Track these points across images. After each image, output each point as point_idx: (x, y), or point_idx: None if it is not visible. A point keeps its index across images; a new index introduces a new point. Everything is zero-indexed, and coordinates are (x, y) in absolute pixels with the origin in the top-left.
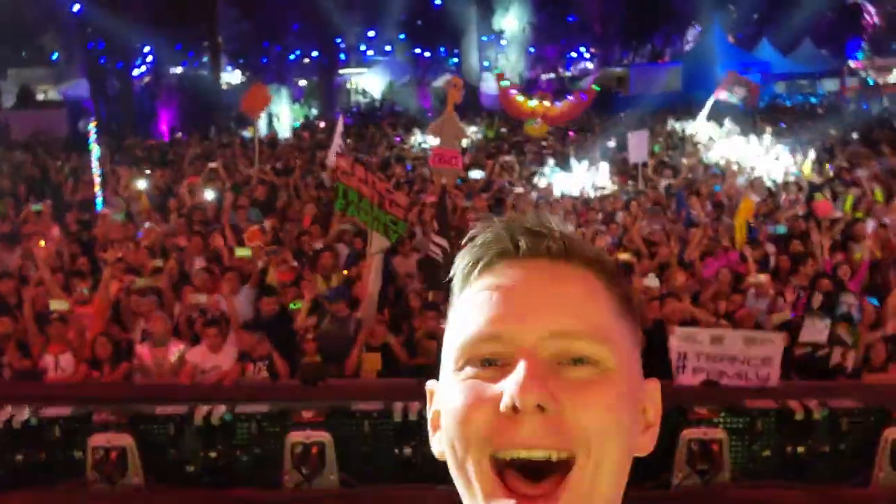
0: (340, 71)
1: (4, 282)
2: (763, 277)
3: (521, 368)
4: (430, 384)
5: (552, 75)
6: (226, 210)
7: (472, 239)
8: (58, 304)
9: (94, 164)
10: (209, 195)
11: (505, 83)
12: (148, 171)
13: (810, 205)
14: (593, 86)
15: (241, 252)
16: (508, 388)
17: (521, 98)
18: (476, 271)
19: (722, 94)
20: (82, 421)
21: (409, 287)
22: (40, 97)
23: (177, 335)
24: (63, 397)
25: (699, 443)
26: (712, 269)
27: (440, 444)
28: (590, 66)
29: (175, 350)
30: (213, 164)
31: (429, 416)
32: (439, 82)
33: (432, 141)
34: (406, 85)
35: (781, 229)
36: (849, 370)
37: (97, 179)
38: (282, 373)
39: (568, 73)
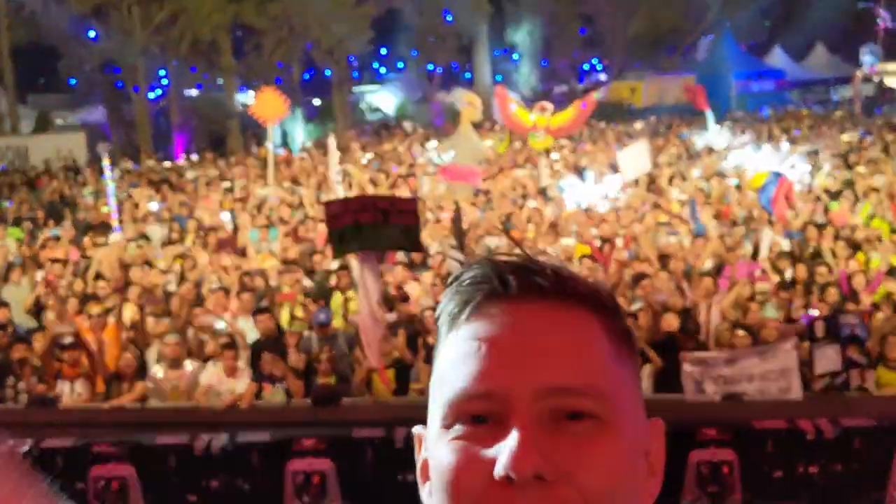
0: (353, 89)
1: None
2: (770, 287)
3: (514, 435)
4: (418, 429)
5: (565, 88)
6: (241, 230)
7: (458, 277)
8: (63, 328)
9: (110, 192)
10: (225, 216)
11: (513, 105)
12: (164, 194)
13: (827, 214)
14: (594, 94)
15: (256, 272)
16: (503, 456)
17: (521, 112)
18: (464, 315)
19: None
20: (83, 451)
21: (425, 305)
22: (59, 122)
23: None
24: (76, 423)
25: (708, 465)
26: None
27: (430, 497)
28: (603, 77)
29: (189, 372)
30: (227, 185)
31: (418, 464)
32: (452, 97)
33: (445, 156)
34: (419, 101)
35: (796, 235)
36: (871, 389)
37: (113, 206)
38: (296, 393)
39: (581, 86)
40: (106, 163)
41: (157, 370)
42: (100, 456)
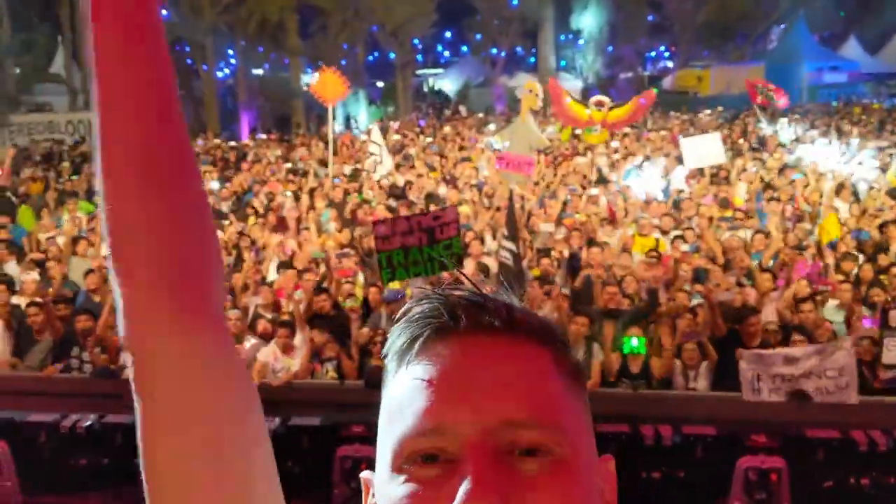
0: (417, 72)
1: (90, 277)
2: (842, 287)
3: (469, 476)
4: (366, 475)
5: (630, 74)
6: (301, 212)
7: (406, 312)
8: None
9: None
10: (287, 196)
11: (567, 98)
12: (228, 172)
13: None
14: (654, 90)
15: (315, 253)
16: (458, 499)
17: (576, 107)
18: (412, 351)
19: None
20: None
21: None
22: None
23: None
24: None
25: (757, 472)
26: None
27: None
28: (669, 65)
29: (247, 348)
30: (289, 165)
31: None
32: (515, 82)
33: (498, 144)
34: (481, 85)
35: (866, 235)
36: None
37: None
38: (349, 374)
39: (647, 73)
40: None
41: None
42: None
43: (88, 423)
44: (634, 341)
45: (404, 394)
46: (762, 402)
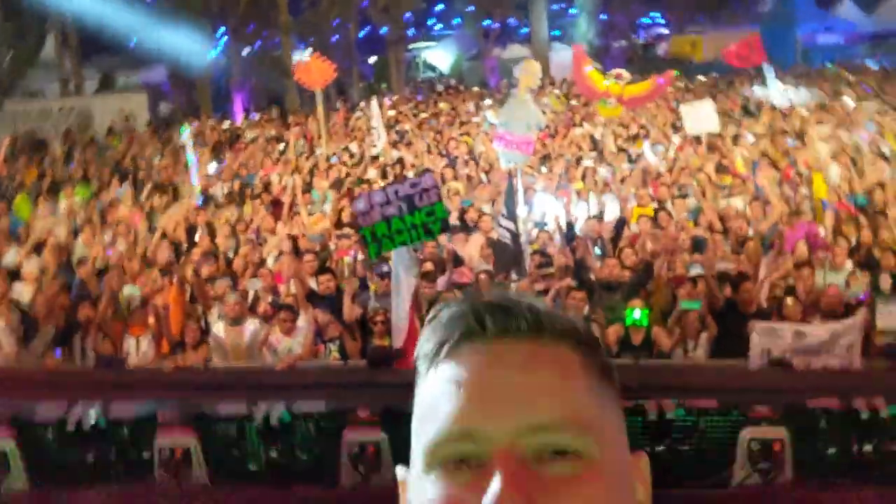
0: (409, 46)
1: (82, 267)
2: (838, 250)
3: (497, 477)
4: (401, 474)
5: (623, 42)
6: (296, 193)
7: (435, 316)
8: (130, 290)
9: (190, 153)
10: (290, 178)
11: (588, 66)
12: (223, 154)
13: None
14: (674, 72)
15: (312, 235)
16: (486, 500)
17: (595, 76)
18: (441, 354)
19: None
20: (148, 421)
21: (479, 269)
22: (121, 80)
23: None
24: (143, 383)
25: (760, 442)
26: (790, 242)
27: None
28: (663, 31)
29: (250, 330)
30: (282, 147)
31: None
32: (508, 54)
33: (494, 119)
34: (474, 58)
35: (862, 200)
36: None
37: (193, 169)
38: (353, 354)
39: (640, 40)
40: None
41: (219, 328)
42: (164, 425)
43: (93, 419)
44: (637, 313)
45: (433, 396)
46: (763, 370)
